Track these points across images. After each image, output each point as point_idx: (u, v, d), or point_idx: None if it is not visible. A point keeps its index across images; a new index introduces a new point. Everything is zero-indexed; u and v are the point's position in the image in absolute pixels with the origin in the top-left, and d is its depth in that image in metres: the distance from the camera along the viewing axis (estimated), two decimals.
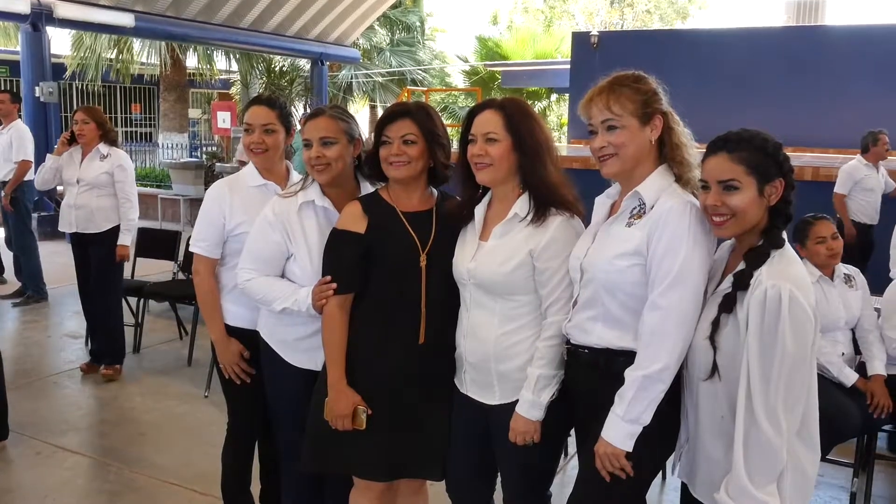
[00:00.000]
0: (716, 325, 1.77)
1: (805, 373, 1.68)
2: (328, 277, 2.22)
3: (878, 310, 3.51)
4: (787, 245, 1.79)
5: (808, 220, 3.35)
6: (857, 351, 3.41)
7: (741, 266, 1.77)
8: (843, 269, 3.40)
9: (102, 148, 4.70)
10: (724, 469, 1.75)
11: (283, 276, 2.39)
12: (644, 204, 1.89)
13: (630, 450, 1.85)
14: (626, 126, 1.89)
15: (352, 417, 2.17)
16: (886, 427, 3.41)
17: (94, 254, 4.74)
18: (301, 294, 2.30)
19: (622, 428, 1.84)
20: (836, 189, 6.34)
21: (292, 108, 16.08)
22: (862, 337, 3.37)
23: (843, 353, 3.30)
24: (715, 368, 1.77)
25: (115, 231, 4.74)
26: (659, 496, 3.36)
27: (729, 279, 1.79)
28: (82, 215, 4.68)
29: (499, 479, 2.26)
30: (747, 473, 1.67)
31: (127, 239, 4.75)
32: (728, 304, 1.75)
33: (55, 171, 4.82)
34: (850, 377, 3.20)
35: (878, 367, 3.23)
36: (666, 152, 1.93)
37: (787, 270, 1.71)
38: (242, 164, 8.87)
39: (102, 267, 4.75)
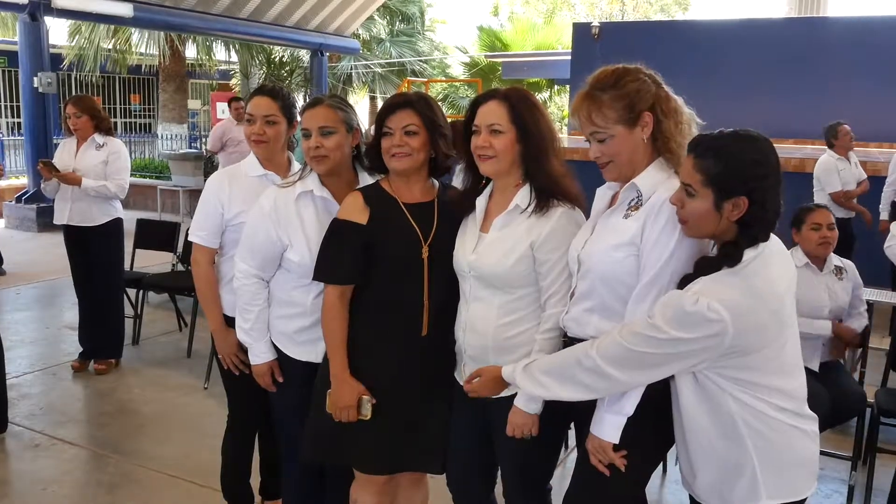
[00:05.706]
0: None
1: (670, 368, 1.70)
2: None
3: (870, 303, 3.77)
4: (748, 267, 1.64)
5: (808, 207, 3.49)
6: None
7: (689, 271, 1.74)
8: (835, 260, 3.48)
9: (98, 138, 4.57)
10: (702, 462, 1.76)
11: (280, 265, 2.37)
12: (641, 195, 1.87)
13: (616, 441, 1.84)
14: (614, 135, 1.86)
15: (356, 408, 2.16)
16: (890, 421, 3.41)
17: (93, 248, 4.62)
18: (257, 347, 2.41)
19: (606, 420, 1.84)
20: (831, 190, 6.20)
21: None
22: (849, 315, 3.52)
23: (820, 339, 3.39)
24: None
25: (113, 223, 4.64)
26: (660, 489, 3.36)
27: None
28: (78, 208, 4.55)
29: (499, 473, 2.25)
30: (543, 366, 1.84)
31: (86, 182, 4.43)
32: None
33: (56, 183, 4.56)
34: (825, 327, 3.35)
35: (854, 324, 3.48)
36: (659, 145, 1.90)
37: (721, 289, 1.61)
38: (211, 153, 8.52)
39: (102, 261, 4.67)
